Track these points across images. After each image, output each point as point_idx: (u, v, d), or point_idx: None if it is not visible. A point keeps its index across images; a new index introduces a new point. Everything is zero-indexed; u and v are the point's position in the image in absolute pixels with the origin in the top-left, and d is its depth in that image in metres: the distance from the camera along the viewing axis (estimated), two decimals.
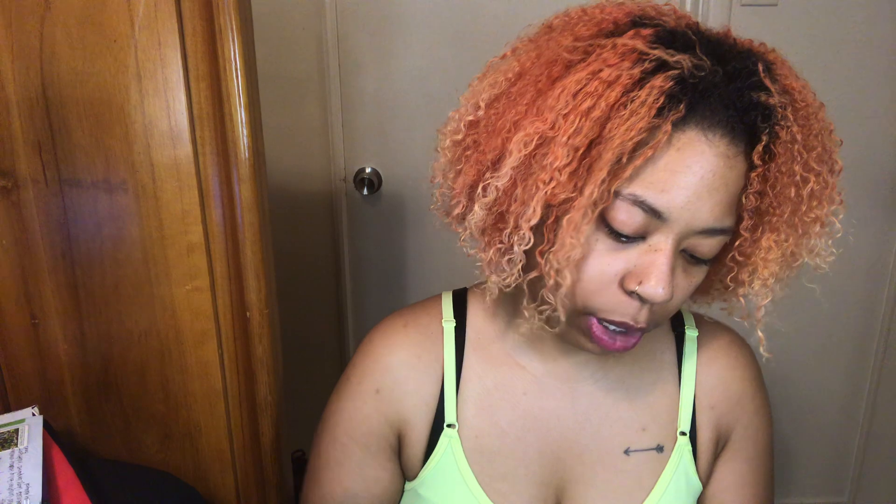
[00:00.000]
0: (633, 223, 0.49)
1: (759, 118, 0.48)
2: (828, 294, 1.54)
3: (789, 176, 0.49)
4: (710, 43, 0.50)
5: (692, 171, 0.48)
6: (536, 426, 0.65)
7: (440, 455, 0.64)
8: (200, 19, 0.66)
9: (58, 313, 0.73)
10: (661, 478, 0.64)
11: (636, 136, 0.46)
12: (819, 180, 0.51)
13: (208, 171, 0.70)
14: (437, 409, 0.65)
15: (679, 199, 0.48)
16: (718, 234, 0.51)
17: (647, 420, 0.65)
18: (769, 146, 0.49)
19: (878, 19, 1.37)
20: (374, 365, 0.67)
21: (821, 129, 0.51)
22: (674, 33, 0.49)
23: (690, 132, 0.47)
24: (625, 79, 0.46)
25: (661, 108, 0.46)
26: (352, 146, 1.42)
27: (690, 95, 0.47)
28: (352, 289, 1.52)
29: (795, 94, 0.50)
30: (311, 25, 1.35)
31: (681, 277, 0.52)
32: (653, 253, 0.50)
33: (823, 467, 1.71)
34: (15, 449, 0.64)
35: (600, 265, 0.51)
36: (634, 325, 0.53)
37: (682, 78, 0.47)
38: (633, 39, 0.48)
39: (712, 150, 0.48)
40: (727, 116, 0.48)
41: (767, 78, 0.49)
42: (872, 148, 1.45)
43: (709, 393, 0.67)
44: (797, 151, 0.49)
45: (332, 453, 0.68)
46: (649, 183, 0.48)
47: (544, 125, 0.48)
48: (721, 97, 0.48)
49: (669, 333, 0.68)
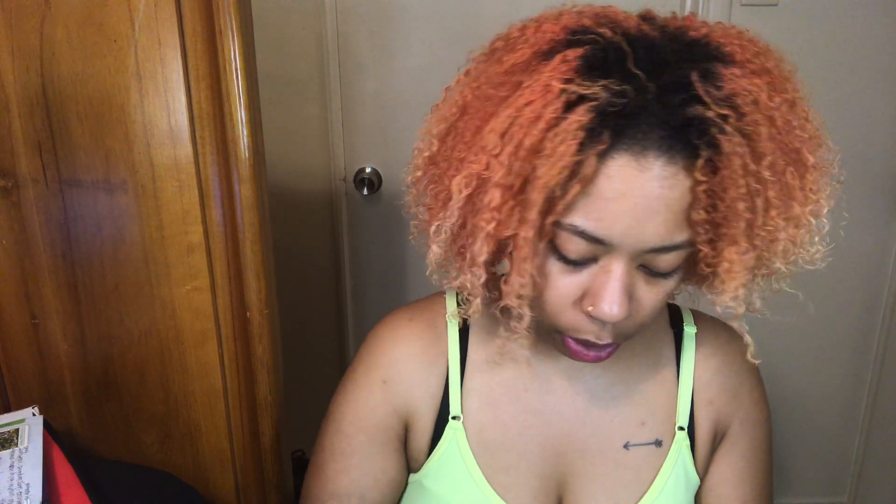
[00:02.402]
0: (579, 250, 0.50)
1: (694, 134, 0.46)
2: (828, 294, 1.54)
3: (736, 189, 0.46)
4: (652, 49, 0.47)
5: (626, 198, 0.47)
6: (538, 421, 0.66)
7: (445, 447, 0.65)
8: (200, 19, 0.66)
9: (58, 313, 0.73)
10: (660, 472, 0.65)
11: (559, 174, 0.46)
12: (777, 187, 0.48)
13: (208, 171, 0.70)
14: (442, 401, 0.66)
15: (617, 226, 0.47)
16: (671, 251, 0.49)
17: (646, 415, 0.66)
18: (711, 160, 0.46)
19: (878, 19, 1.37)
20: (381, 357, 0.68)
21: (782, 129, 0.48)
22: (606, 50, 0.47)
23: (621, 158, 0.46)
24: (547, 114, 0.46)
25: (583, 142, 0.45)
26: (352, 146, 1.42)
27: (614, 124, 0.46)
28: (352, 289, 1.52)
29: (741, 97, 0.46)
30: (311, 25, 1.35)
31: (645, 291, 0.52)
32: (604, 274, 0.50)
33: (823, 467, 1.71)
34: (15, 449, 0.64)
35: (557, 288, 0.52)
36: (598, 342, 0.54)
37: (601, 109, 0.45)
38: (559, 66, 0.47)
39: (645, 174, 0.46)
40: (660, 137, 0.46)
41: (704, 87, 0.46)
42: (872, 148, 1.45)
43: (706, 388, 0.68)
44: (742, 163, 0.46)
45: (337, 445, 0.68)
46: (587, 213, 0.48)
47: (479, 167, 0.49)
48: (652, 117, 0.46)
49: (668, 330, 0.69)
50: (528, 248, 0.49)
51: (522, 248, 0.49)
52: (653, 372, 0.67)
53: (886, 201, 1.49)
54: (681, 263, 0.51)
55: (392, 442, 0.67)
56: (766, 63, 0.50)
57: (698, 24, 0.52)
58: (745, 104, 0.46)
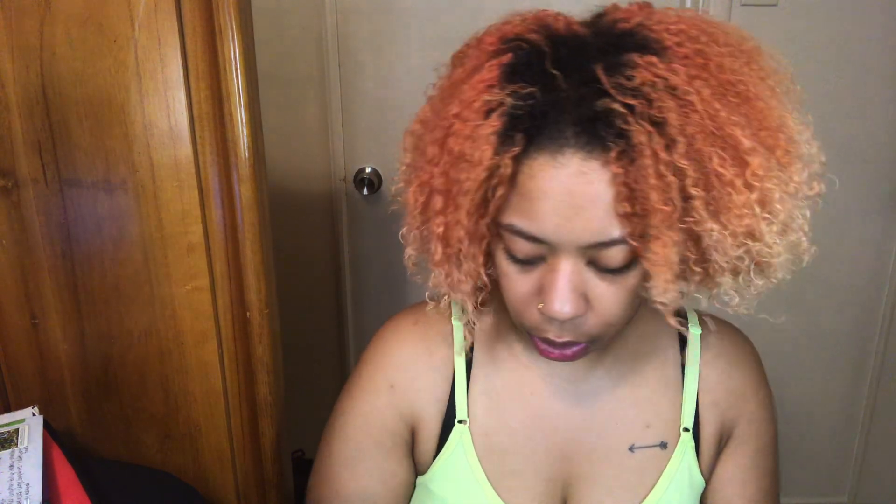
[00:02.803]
0: (523, 250, 0.51)
1: (602, 127, 0.46)
2: (828, 294, 1.54)
3: (648, 180, 0.45)
4: (576, 48, 0.48)
5: (549, 197, 0.47)
6: (544, 425, 0.65)
7: (451, 450, 0.65)
8: (200, 19, 0.66)
9: (58, 313, 0.73)
10: (664, 474, 0.65)
11: (478, 178, 0.48)
12: (699, 176, 0.46)
13: (208, 171, 0.70)
14: (448, 405, 0.66)
15: (547, 224, 0.48)
16: (611, 246, 0.49)
17: (651, 417, 0.66)
18: (625, 152, 0.46)
19: (878, 19, 1.37)
20: (386, 360, 0.67)
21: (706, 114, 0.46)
22: (529, 54, 0.49)
23: (541, 157, 0.47)
24: (471, 123, 0.48)
25: (497, 147, 0.47)
26: (352, 146, 1.42)
27: (527, 126, 0.47)
28: (352, 289, 1.52)
29: (652, 85, 0.46)
30: (311, 25, 1.35)
31: (602, 288, 0.51)
32: (551, 273, 0.51)
33: (823, 467, 1.71)
34: (15, 449, 0.64)
35: (514, 288, 0.54)
36: (558, 340, 0.54)
37: (509, 113, 0.47)
38: (484, 76, 0.49)
39: (564, 171, 0.47)
40: (575, 133, 0.46)
41: (611, 79, 0.46)
42: (872, 148, 1.45)
43: (712, 389, 0.67)
44: (651, 153, 0.45)
45: (345, 451, 0.67)
46: (520, 213, 0.49)
47: (427, 175, 0.53)
48: (565, 114, 0.46)
49: (673, 332, 0.69)
50: (464, 247, 0.52)
51: (459, 247, 0.53)
52: (658, 373, 0.67)
53: (886, 201, 1.49)
54: (633, 259, 0.50)
55: (400, 446, 0.67)
56: (701, 46, 0.49)
57: (636, 15, 0.51)
58: (655, 91, 0.46)
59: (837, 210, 1.48)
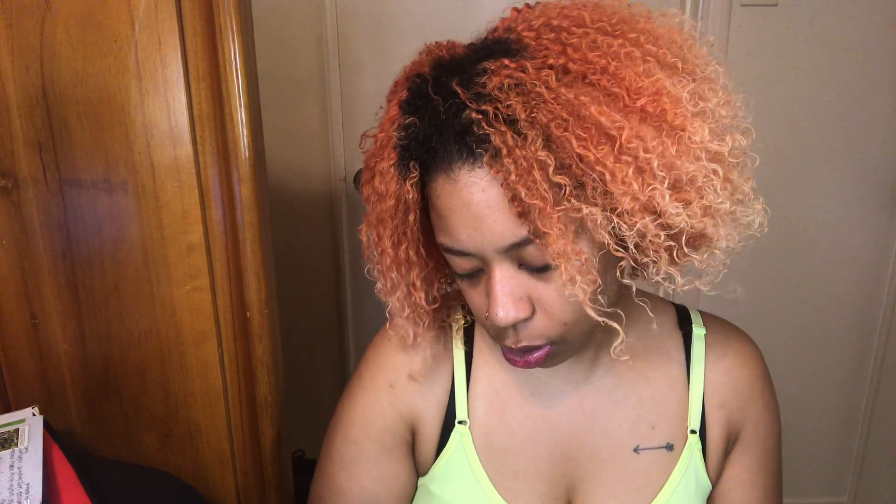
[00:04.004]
0: (460, 265, 0.54)
1: (470, 137, 0.49)
2: (828, 294, 1.54)
3: (510, 176, 0.47)
4: (453, 70, 0.51)
5: (454, 211, 0.51)
6: (546, 426, 0.65)
7: (452, 451, 0.65)
8: (200, 19, 0.66)
9: (58, 313, 0.73)
10: (671, 476, 0.65)
11: (389, 207, 0.54)
12: (560, 163, 0.47)
13: (208, 171, 0.70)
14: (448, 405, 0.66)
15: (462, 236, 0.51)
16: (525, 245, 0.50)
17: (657, 418, 0.65)
18: (494, 155, 0.48)
19: (878, 19, 1.37)
20: (386, 361, 0.68)
21: (554, 100, 0.46)
22: (420, 87, 0.52)
23: (439, 178, 0.51)
24: (380, 158, 0.54)
25: (398, 178, 0.52)
26: (352, 146, 1.42)
27: (416, 152, 0.51)
28: (352, 289, 1.52)
29: (501, 88, 0.47)
30: (311, 25, 1.35)
31: (542, 288, 0.52)
32: (489, 281, 0.53)
33: (823, 467, 1.71)
34: (15, 449, 0.64)
35: (472, 301, 0.57)
36: (515, 346, 0.56)
37: (398, 145, 0.52)
38: (390, 115, 0.54)
39: (457, 185, 0.50)
40: (457, 149, 0.49)
41: (466, 92, 0.49)
42: (872, 148, 1.45)
43: (718, 391, 0.67)
44: (508, 150, 0.47)
45: (347, 453, 0.67)
46: (441, 231, 0.53)
47: (369, 214, 0.58)
48: (444, 134, 0.50)
49: (677, 331, 0.68)
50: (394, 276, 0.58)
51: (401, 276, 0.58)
52: (662, 374, 0.66)
53: (886, 201, 1.49)
54: None
55: (401, 447, 0.67)
56: (557, 34, 0.49)
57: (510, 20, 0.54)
58: (503, 92, 0.48)
59: (837, 210, 1.48)
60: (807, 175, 1.44)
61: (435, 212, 0.53)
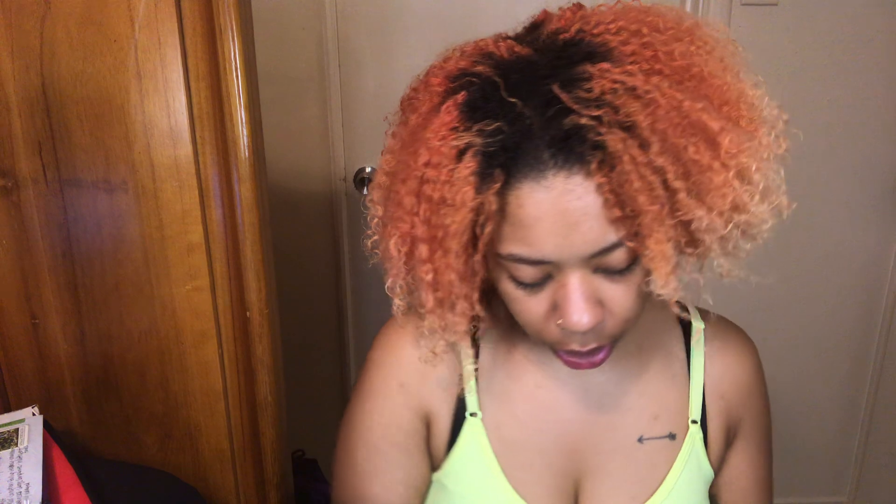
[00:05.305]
0: (528, 275, 0.52)
1: (576, 143, 0.46)
2: (828, 294, 1.54)
3: (632, 184, 0.46)
4: (525, 69, 0.49)
5: (543, 221, 0.48)
6: (552, 418, 0.66)
7: (465, 444, 0.65)
8: (200, 19, 0.66)
9: (58, 313, 0.73)
10: (674, 465, 0.66)
11: (464, 219, 0.49)
12: (678, 168, 0.47)
13: (208, 171, 0.70)
14: (458, 399, 0.66)
15: (547, 246, 0.49)
16: (612, 251, 0.49)
17: (659, 409, 0.66)
18: (604, 160, 0.46)
19: (878, 19, 1.37)
20: (393, 359, 0.67)
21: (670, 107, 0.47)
22: (483, 88, 0.49)
23: (524, 186, 0.48)
24: (444, 168, 0.49)
25: (478, 186, 0.48)
26: (352, 146, 1.42)
27: (502, 160, 0.48)
28: (352, 289, 1.52)
29: (613, 92, 0.46)
30: (311, 25, 1.35)
31: (613, 290, 0.52)
32: (562, 289, 0.51)
33: (823, 467, 1.71)
34: (15, 449, 0.64)
35: (529, 310, 0.54)
36: (584, 350, 0.55)
37: (482, 152, 0.48)
38: (444, 118, 0.49)
39: (551, 193, 0.47)
40: (551, 155, 0.47)
41: (570, 95, 0.46)
42: (872, 148, 1.45)
43: (718, 382, 0.68)
44: (629, 157, 0.46)
45: (370, 461, 0.67)
46: (517, 241, 0.50)
47: (407, 226, 0.53)
48: (536, 140, 0.47)
49: (677, 325, 0.69)
50: (456, 289, 0.53)
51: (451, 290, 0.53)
52: (663, 366, 0.68)
53: (886, 201, 1.49)
54: (636, 255, 0.51)
55: (420, 445, 0.67)
56: (644, 38, 0.49)
57: (573, 20, 0.51)
58: (618, 97, 0.46)
59: (838, 210, 1.48)
60: (807, 175, 1.44)
61: (511, 221, 0.49)
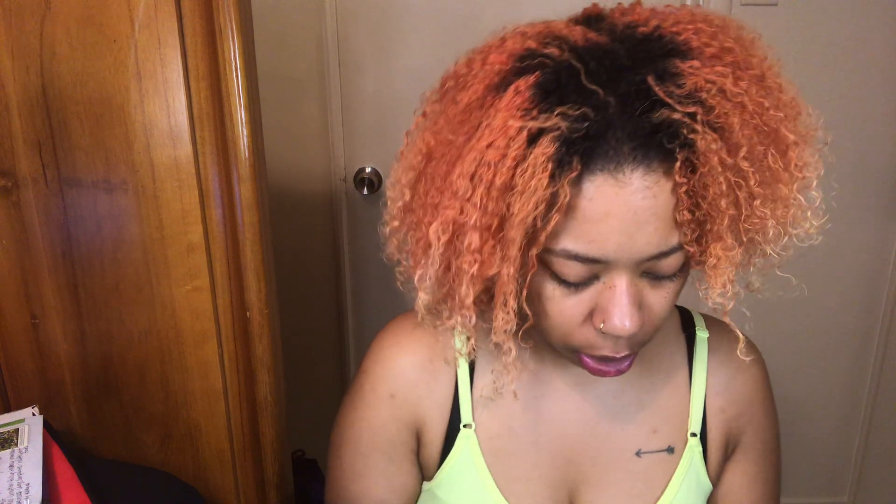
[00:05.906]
0: (576, 273, 0.49)
1: (665, 138, 0.44)
2: (828, 293, 1.54)
3: (716, 186, 0.45)
4: (604, 57, 0.46)
5: (611, 217, 0.46)
6: (548, 429, 0.65)
7: (458, 455, 0.64)
8: (200, 19, 0.66)
9: (58, 313, 0.73)
10: (672, 479, 0.64)
11: (535, 208, 0.45)
12: (759, 175, 0.46)
13: (208, 171, 0.70)
14: (452, 409, 0.65)
15: (609, 244, 0.47)
16: (668, 255, 0.48)
17: (658, 422, 0.65)
18: (688, 160, 0.45)
19: (878, 20, 1.37)
20: (386, 370, 0.66)
21: (755, 113, 0.46)
22: (557, 72, 0.45)
23: (598, 179, 0.45)
24: (512, 152, 0.45)
25: (553, 173, 0.44)
26: (352, 146, 1.42)
27: (581, 148, 0.44)
28: (352, 289, 1.52)
29: (706, 90, 0.45)
30: (311, 25, 1.35)
31: (653, 296, 0.51)
32: (609, 290, 0.49)
33: (823, 467, 1.71)
34: (15, 449, 0.64)
35: (564, 311, 0.52)
36: (617, 356, 0.53)
37: (564, 138, 0.44)
38: (514, 99, 0.45)
39: (626, 189, 0.45)
40: (632, 149, 0.44)
41: (664, 89, 0.44)
42: (872, 148, 1.45)
43: (719, 395, 0.67)
44: (719, 159, 0.44)
45: (357, 467, 0.68)
46: (576, 236, 0.47)
47: (454, 212, 0.48)
48: (619, 131, 0.44)
49: (680, 335, 0.68)
50: (512, 284, 0.49)
51: (507, 285, 0.49)
52: (665, 377, 0.66)
53: (886, 201, 1.49)
54: (685, 262, 0.50)
55: (408, 455, 0.67)
56: (725, 42, 0.47)
57: (646, 15, 0.49)
58: (711, 96, 0.44)
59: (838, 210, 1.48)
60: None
61: (574, 215, 0.46)
